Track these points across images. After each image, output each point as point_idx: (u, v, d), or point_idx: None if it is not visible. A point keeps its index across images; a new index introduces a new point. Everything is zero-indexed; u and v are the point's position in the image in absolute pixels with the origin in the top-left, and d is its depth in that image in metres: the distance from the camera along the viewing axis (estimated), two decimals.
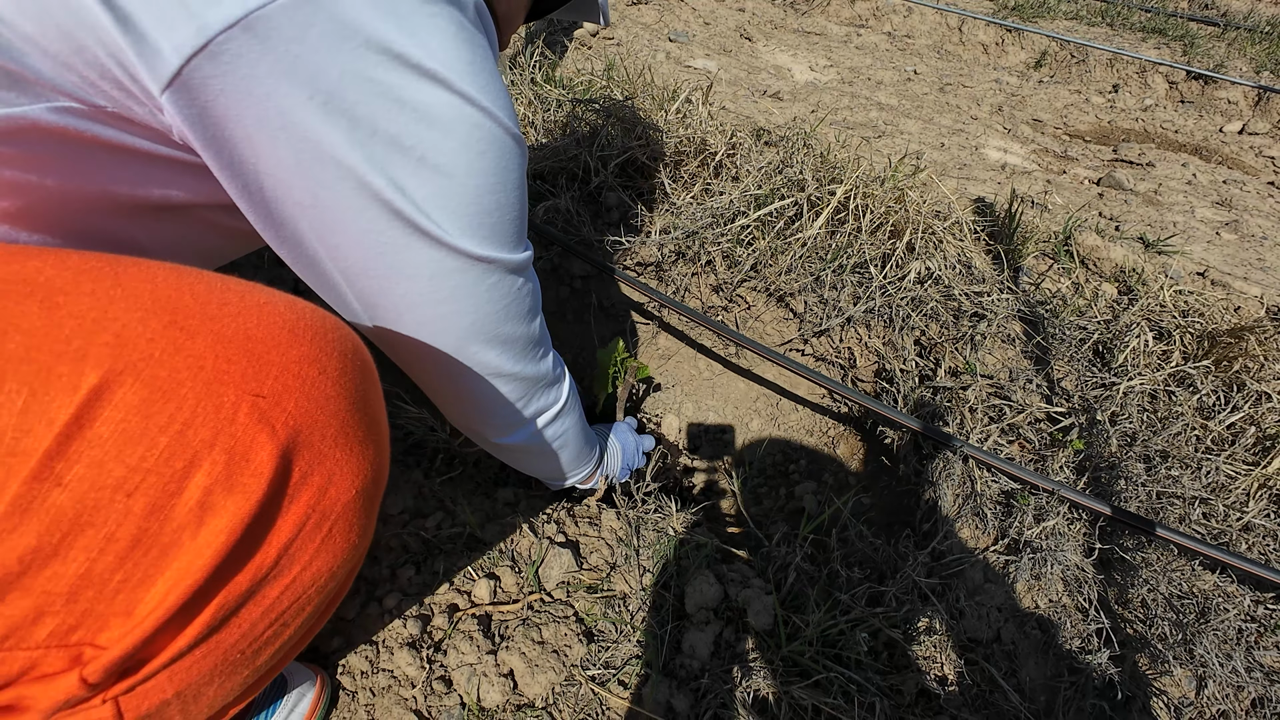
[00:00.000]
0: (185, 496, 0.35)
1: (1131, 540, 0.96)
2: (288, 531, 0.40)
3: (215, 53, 0.37)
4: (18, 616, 0.33)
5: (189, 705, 0.43)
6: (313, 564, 0.42)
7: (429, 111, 0.45)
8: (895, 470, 1.17)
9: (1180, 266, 1.47)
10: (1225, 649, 0.86)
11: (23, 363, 0.32)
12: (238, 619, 0.40)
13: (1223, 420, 1.04)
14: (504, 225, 0.55)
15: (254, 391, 0.37)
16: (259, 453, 0.37)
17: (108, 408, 0.33)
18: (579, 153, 1.43)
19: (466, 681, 0.77)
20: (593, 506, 1.01)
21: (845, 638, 0.83)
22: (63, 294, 0.35)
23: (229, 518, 0.36)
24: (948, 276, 1.26)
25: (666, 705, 0.78)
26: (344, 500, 0.43)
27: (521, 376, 0.69)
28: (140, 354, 0.34)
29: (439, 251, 0.51)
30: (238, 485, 0.36)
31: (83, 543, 0.33)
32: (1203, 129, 2.61)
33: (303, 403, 0.39)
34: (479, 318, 0.58)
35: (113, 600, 0.35)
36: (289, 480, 0.39)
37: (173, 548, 0.35)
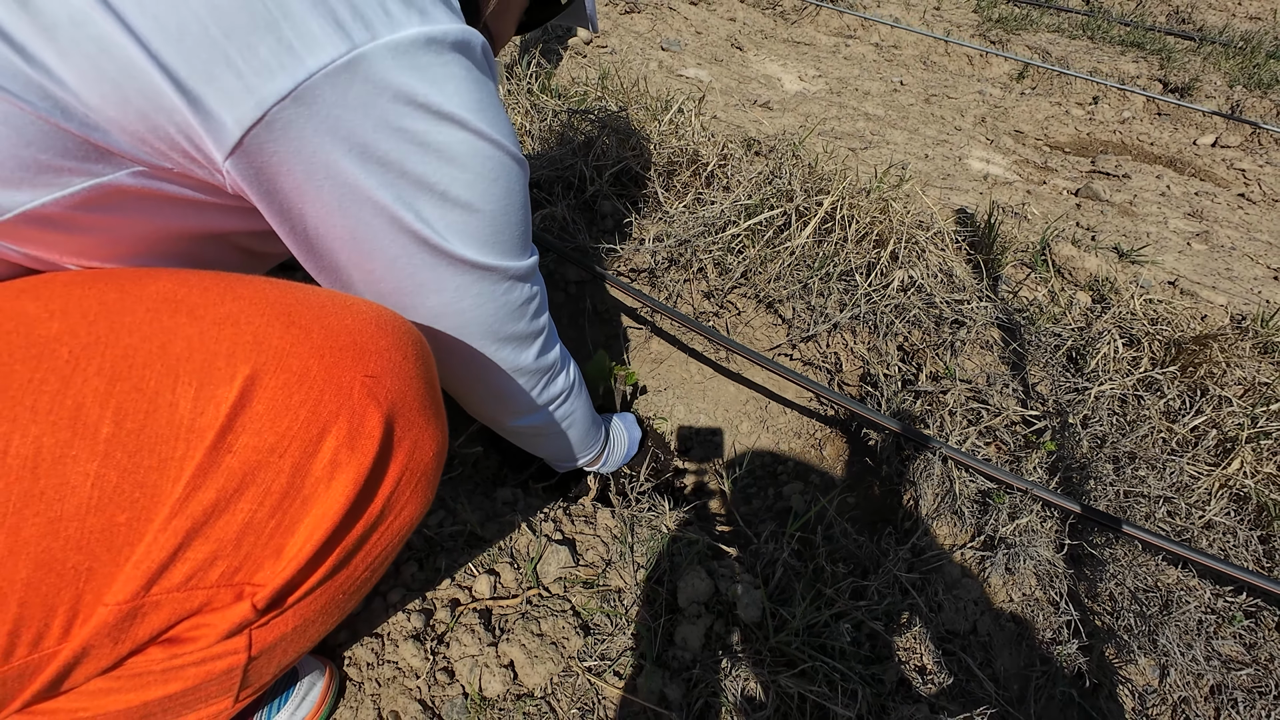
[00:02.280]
0: (320, 456, 0.43)
1: (1100, 537, 1.01)
2: (390, 484, 0.48)
3: (271, 122, 0.42)
4: (199, 560, 0.41)
5: (295, 640, 0.50)
6: (404, 512, 0.51)
7: (448, 150, 0.51)
8: (878, 471, 1.21)
9: (1152, 276, 1.53)
10: (1186, 639, 0.92)
11: (188, 362, 0.40)
12: (352, 562, 0.49)
13: (1187, 423, 1.09)
14: (513, 238, 0.62)
15: (364, 373, 0.45)
16: (370, 420, 0.45)
17: (260, 390, 0.42)
18: (575, 162, 1.47)
19: (469, 672, 0.80)
20: (588, 505, 1.04)
21: (829, 629, 0.88)
22: (201, 307, 0.43)
23: (353, 471, 0.44)
24: (930, 285, 1.31)
25: (660, 694, 0.82)
26: (427, 459, 0.52)
27: (534, 368, 0.75)
28: (275, 349, 0.43)
29: (461, 268, 0.57)
30: (358, 446, 0.45)
31: (248, 496, 0.42)
32: (1177, 142, 2.70)
33: (396, 381, 0.48)
34: (497, 319, 0.65)
35: (267, 544, 0.43)
36: (392, 442, 0.47)
37: (312, 498, 0.44)
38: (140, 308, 0.43)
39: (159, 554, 0.40)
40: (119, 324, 0.41)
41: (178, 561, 0.41)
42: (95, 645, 0.40)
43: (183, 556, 0.41)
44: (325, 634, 0.56)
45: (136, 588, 0.40)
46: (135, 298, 0.43)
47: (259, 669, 0.49)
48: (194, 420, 0.40)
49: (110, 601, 0.39)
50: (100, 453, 0.38)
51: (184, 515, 0.40)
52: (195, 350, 0.41)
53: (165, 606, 0.41)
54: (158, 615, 0.41)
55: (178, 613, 0.42)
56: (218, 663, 0.45)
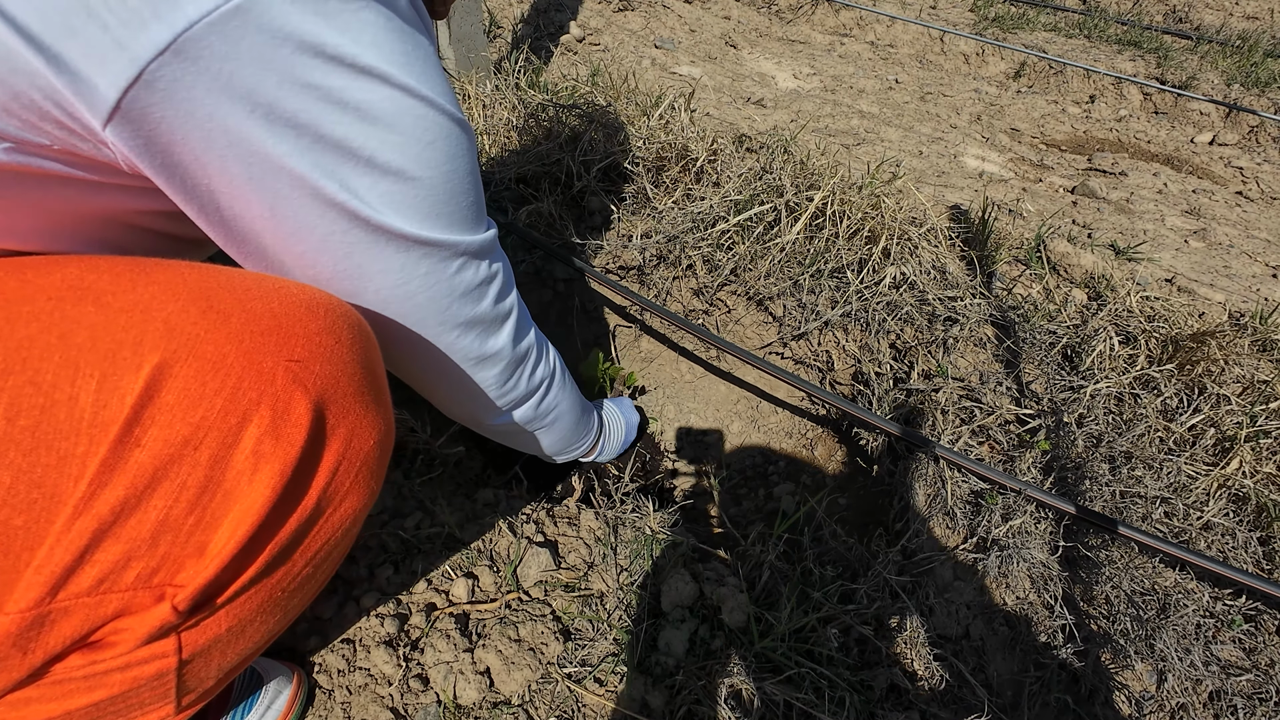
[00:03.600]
0: (241, 447, 0.40)
1: (1096, 538, 0.98)
2: (325, 475, 0.45)
3: (150, 81, 0.38)
4: (111, 562, 0.38)
5: (233, 642, 0.47)
6: (343, 505, 0.48)
7: (370, 109, 0.45)
8: (870, 471, 1.19)
9: (1149, 273, 1.51)
10: (1184, 644, 0.89)
11: (90, 352, 0.37)
12: (290, 559, 0.46)
13: (1184, 422, 1.07)
14: (462, 209, 0.56)
15: (288, 358, 0.43)
16: (297, 407, 0.42)
17: (170, 380, 0.39)
18: (562, 157, 1.45)
19: (443, 679, 0.78)
20: (572, 507, 1.02)
21: (817, 634, 0.85)
22: (110, 294, 0.40)
23: (279, 462, 0.42)
24: (922, 281, 1.29)
25: (641, 702, 0.79)
26: (366, 448, 0.48)
27: (505, 357, 0.70)
28: (188, 335, 0.40)
29: (402, 245, 0.52)
30: (283, 435, 0.42)
31: (161, 492, 0.39)
32: (1175, 139, 2.68)
33: (326, 366, 0.45)
34: (453, 302, 0.59)
35: (187, 542, 0.40)
36: (323, 430, 0.44)
37: (234, 491, 0.41)
38: (41, 296, 0.39)
39: (63, 557, 0.37)
40: (16, 314, 0.38)
41: (86, 564, 0.38)
42: (1, 656, 0.37)
43: (91, 559, 0.38)
44: (273, 634, 0.53)
45: (40, 594, 0.37)
46: (37, 286, 0.40)
47: (196, 673, 0.46)
48: (96, 414, 0.37)
49: (11, 610, 0.37)
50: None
51: (89, 515, 0.37)
52: (99, 339, 0.38)
53: (76, 612, 0.38)
54: (69, 622, 0.38)
55: (93, 618, 0.39)
56: (144, 668, 0.43)
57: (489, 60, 1.74)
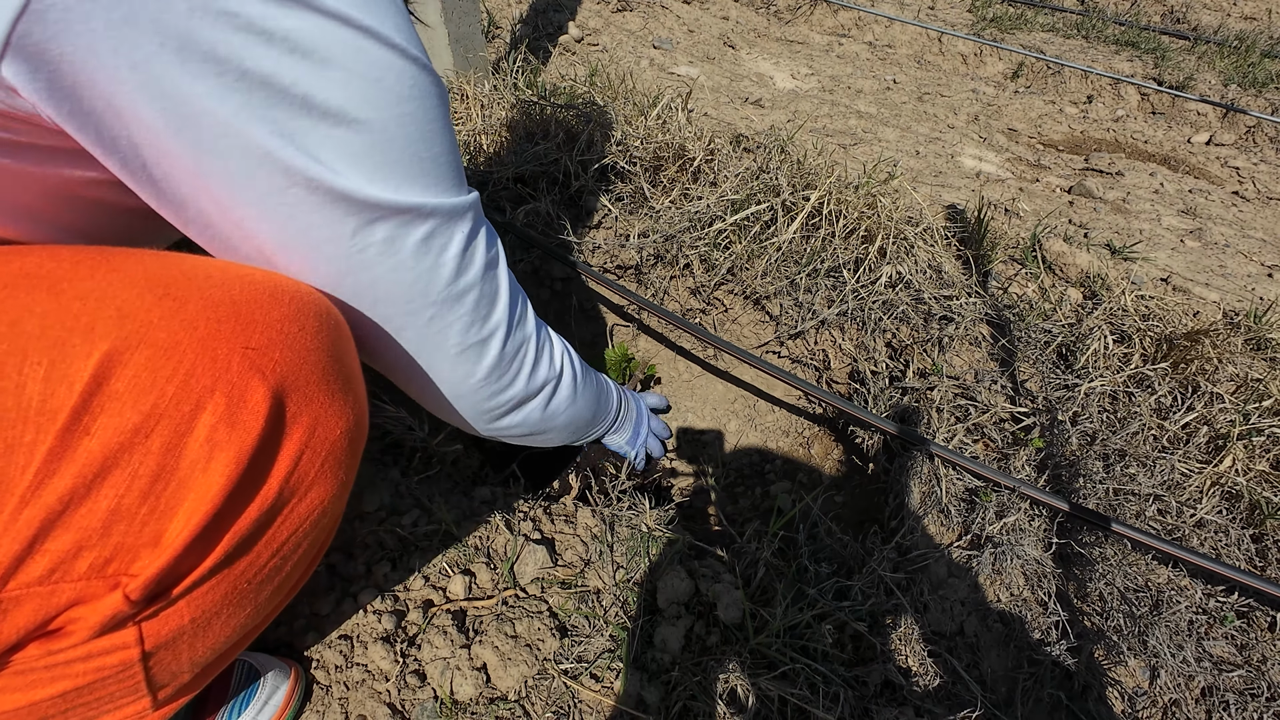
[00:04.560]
0: (195, 435, 0.39)
1: (1089, 535, 0.99)
2: (286, 464, 0.44)
3: (40, 11, 0.34)
4: (61, 551, 0.38)
5: (199, 634, 0.46)
6: (308, 496, 0.46)
7: (301, 40, 0.40)
8: (866, 469, 1.20)
9: (1144, 272, 1.52)
10: (1177, 640, 0.90)
11: (40, 339, 0.37)
12: (253, 549, 0.45)
13: (1178, 420, 1.07)
14: (423, 163, 0.48)
15: (244, 345, 0.41)
16: (253, 394, 0.41)
17: (120, 368, 0.37)
18: (560, 157, 1.45)
19: (440, 675, 0.78)
20: (569, 504, 1.02)
21: (811, 630, 0.86)
22: (65, 281, 0.39)
23: (234, 449, 0.40)
24: (918, 280, 1.29)
25: (637, 698, 0.80)
26: (332, 438, 0.47)
27: (493, 348, 0.62)
28: (141, 322, 0.39)
29: (351, 207, 0.46)
30: (238, 422, 0.40)
31: (111, 481, 0.38)
32: (1171, 140, 2.68)
33: (287, 353, 0.43)
34: (420, 277, 0.52)
35: (141, 531, 0.39)
36: (283, 418, 0.43)
37: (188, 480, 0.40)
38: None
39: (12, 546, 0.36)
40: None
41: (36, 554, 0.37)
42: None
43: (41, 548, 0.37)
44: (248, 628, 0.52)
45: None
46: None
47: (165, 665, 0.46)
48: (44, 402, 0.36)
49: None
50: None
51: (37, 504, 0.36)
52: (50, 327, 0.37)
53: (28, 601, 0.38)
54: (21, 611, 0.38)
55: (45, 608, 0.39)
56: (106, 658, 0.42)
57: (487, 61, 1.74)
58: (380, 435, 1.06)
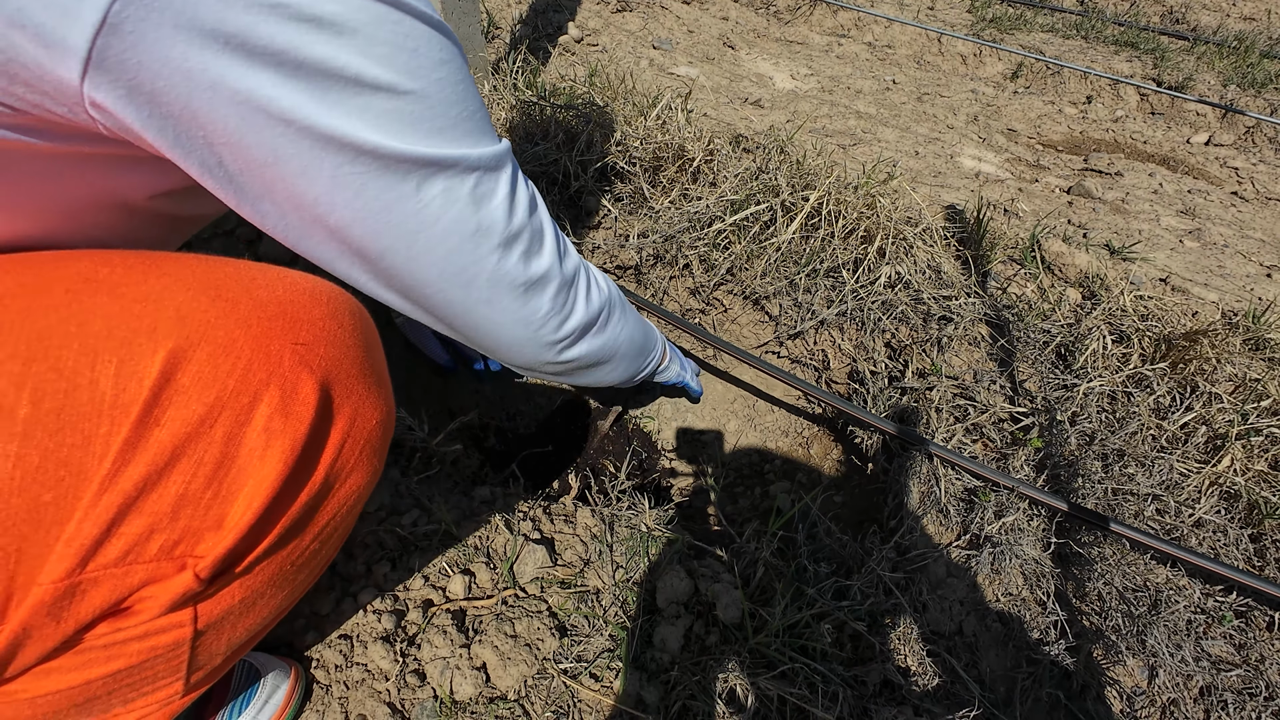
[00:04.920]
0: (253, 425, 0.43)
1: (1088, 535, 0.99)
2: (332, 451, 0.48)
3: (115, 25, 0.36)
4: (135, 534, 0.41)
5: (243, 615, 0.49)
6: (349, 481, 0.50)
7: (343, 21, 0.42)
8: (865, 469, 1.20)
9: (1143, 273, 1.52)
10: (1175, 640, 0.90)
11: (108, 339, 0.39)
12: (301, 533, 0.48)
13: (1176, 420, 1.08)
14: (463, 119, 0.51)
15: (294, 341, 0.45)
16: (304, 386, 0.45)
17: (185, 364, 0.41)
18: (560, 157, 1.45)
19: (440, 674, 0.78)
20: (568, 504, 1.02)
21: (810, 630, 0.86)
22: (124, 285, 0.42)
23: (289, 438, 0.44)
24: (917, 281, 1.29)
25: (637, 697, 0.80)
26: (370, 426, 0.51)
27: (553, 277, 0.64)
28: (199, 322, 0.42)
29: (413, 168, 0.48)
30: (292, 413, 0.44)
31: (180, 468, 0.41)
32: (1171, 140, 2.69)
33: (330, 349, 0.47)
34: (481, 221, 0.55)
35: (205, 515, 0.42)
36: (330, 408, 0.47)
37: (248, 467, 0.43)
38: (59, 288, 0.41)
39: (92, 530, 0.39)
40: (34, 305, 0.40)
41: (112, 537, 0.40)
42: (35, 626, 0.39)
43: (117, 532, 0.40)
44: (280, 611, 0.54)
45: (70, 565, 0.39)
46: (53, 279, 0.42)
47: (208, 646, 0.48)
48: (117, 397, 0.39)
49: (44, 581, 0.39)
50: (19, 434, 0.37)
51: (114, 491, 0.39)
52: (116, 327, 0.40)
53: (104, 583, 0.41)
54: (98, 592, 0.41)
55: (120, 588, 0.41)
56: (162, 636, 0.44)
57: (487, 61, 1.74)
58: None
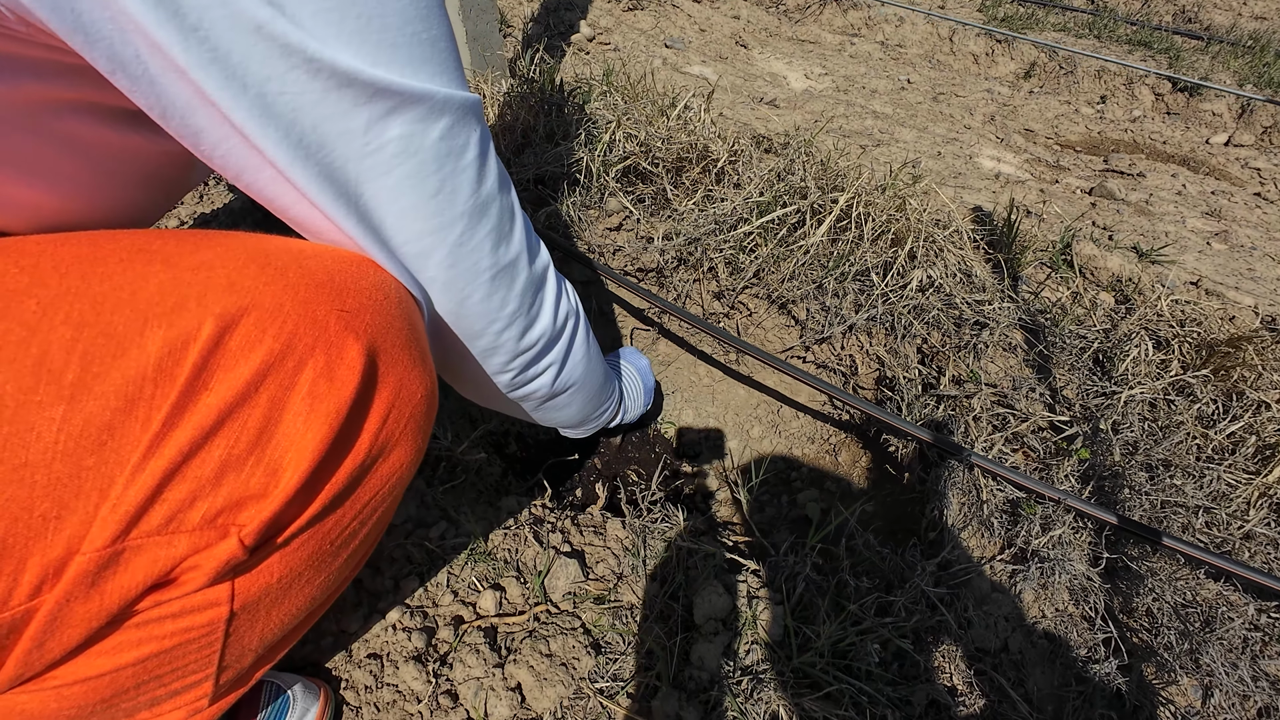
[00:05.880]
0: (297, 390, 0.41)
1: (1136, 549, 0.96)
2: (376, 420, 0.46)
3: None
4: (179, 500, 0.39)
5: (280, 599, 0.47)
6: (392, 455, 0.48)
7: None
8: (899, 478, 1.17)
9: (1175, 276, 1.49)
10: (1231, 658, 0.87)
11: (159, 305, 0.39)
12: (342, 506, 0.47)
13: (1223, 429, 1.04)
14: (426, 46, 0.44)
15: (339, 307, 0.44)
16: (349, 351, 0.43)
17: (234, 328, 0.40)
18: (580, 158, 1.42)
19: (473, 696, 0.75)
20: (597, 515, 0.99)
21: (855, 649, 0.83)
22: (177, 255, 0.42)
23: (333, 403, 0.42)
24: (949, 285, 1.26)
25: (676, 718, 0.77)
26: (415, 399, 0.49)
27: (522, 267, 0.58)
28: (248, 289, 0.41)
29: (361, 93, 0.41)
30: (336, 378, 0.43)
31: (224, 432, 0.40)
32: (1190, 140, 2.65)
33: (376, 317, 0.46)
34: (449, 181, 0.48)
35: (249, 482, 0.41)
36: (375, 376, 0.45)
37: (292, 432, 0.41)
38: (113, 258, 0.41)
39: (137, 496, 0.38)
40: (91, 274, 0.39)
41: (157, 503, 0.38)
42: (78, 596, 0.37)
43: (161, 498, 0.39)
44: (315, 602, 0.51)
45: (115, 532, 0.38)
46: (109, 250, 0.41)
47: (240, 638, 0.46)
48: (162, 361, 0.38)
49: (87, 549, 0.37)
50: (66, 397, 0.36)
51: (159, 456, 0.38)
52: (167, 294, 0.39)
53: (148, 550, 0.39)
54: (140, 561, 0.39)
55: (162, 558, 0.40)
56: (197, 615, 0.42)
57: (504, 60, 1.71)
58: None
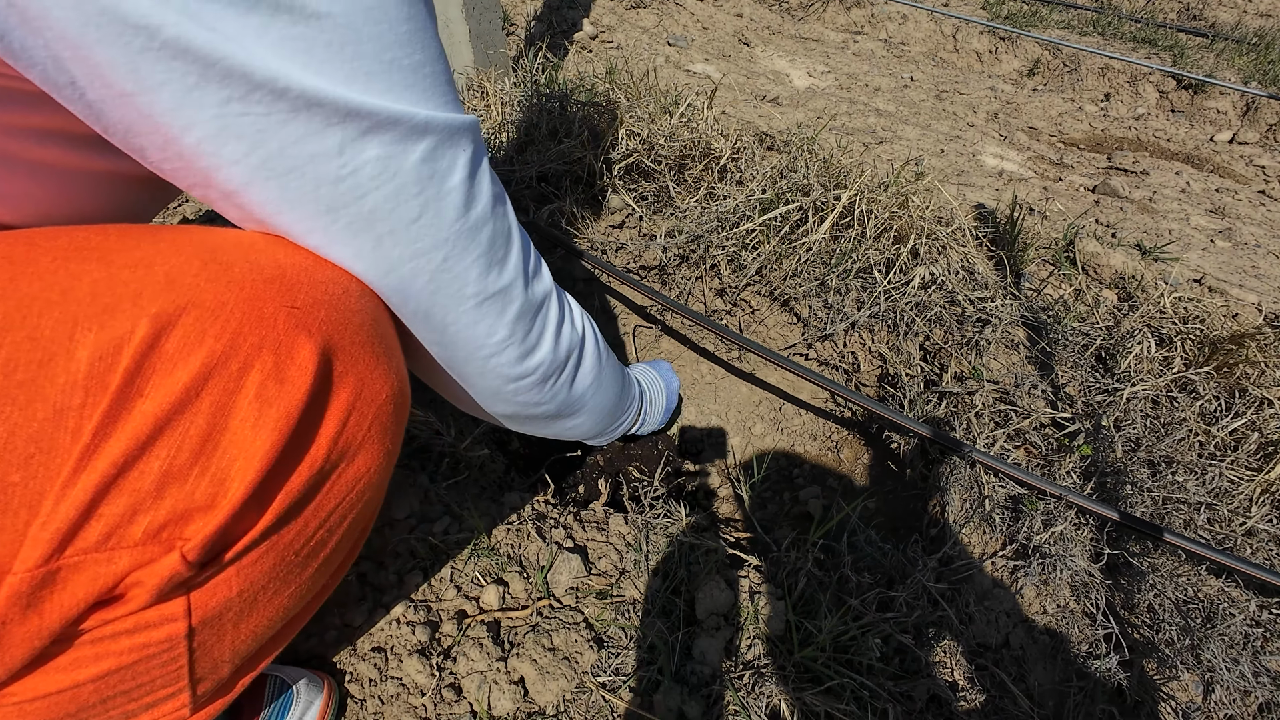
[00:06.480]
0: (244, 393, 0.38)
1: (1138, 545, 0.96)
2: (334, 423, 0.43)
3: None
4: (117, 515, 0.37)
5: (245, 612, 0.44)
6: (356, 460, 0.45)
7: None
8: (900, 475, 1.17)
9: (1177, 273, 1.48)
10: (1232, 653, 0.87)
11: (90, 305, 0.36)
12: (301, 514, 0.43)
13: (1225, 426, 1.04)
14: (404, 72, 0.41)
15: (289, 304, 0.40)
16: (301, 350, 0.40)
17: (171, 329, 0.37)
18: (583, 155, 1.43)
19: (477, 689, 0.76)
20: (599, 511, 1.00)
21: (857, 643, 0.83)
22: (115, 252, 0.39)
23: (284, 405, 0.39)
24: (951, 282, 1.26)
25: (678, 712, 0.78)
26: (379, 400, 0.46)
27: (515, 295, 0.55)
28: (188, 285, 0.38)
29: (332, 114, 0.38)
30: (287, 378, 0.39)
31: (163, 441, 0.37)
32: (1194, 138, 2.65)
33: (332, 313, 0.43)
34: (431, 205, 0.45)
35: (193, 493, 0.38)
36: (331, 376, 0.42)
37: (239, 438, 0.38)
38: (47, 258, 0.38)
39: (68, 512, 0.35)
40: (21, 274, 0.37)
41: (92, 519, 0.36)
42: (12, 619, 0.35)
43: (97, 513, 0.36)
44: (286, 619, 0.49)
45: (47, 551, 0.35)
46: (44, 249, 0.38)
47: (209, 650, 0.44)
48: (93, 367, 0.35)
49: (19, 570, 0.35)
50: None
51: (91, 469, 0.35)
52: (100, 294, 0.36)
53: (86, 568, 0.36)
54: (79, 579, 0.36)
55: (103, 575, 0.37)
56: (153, 631, 0.40)
57: (507, 58, 1.72)
58: (408, 440, 1.04)
